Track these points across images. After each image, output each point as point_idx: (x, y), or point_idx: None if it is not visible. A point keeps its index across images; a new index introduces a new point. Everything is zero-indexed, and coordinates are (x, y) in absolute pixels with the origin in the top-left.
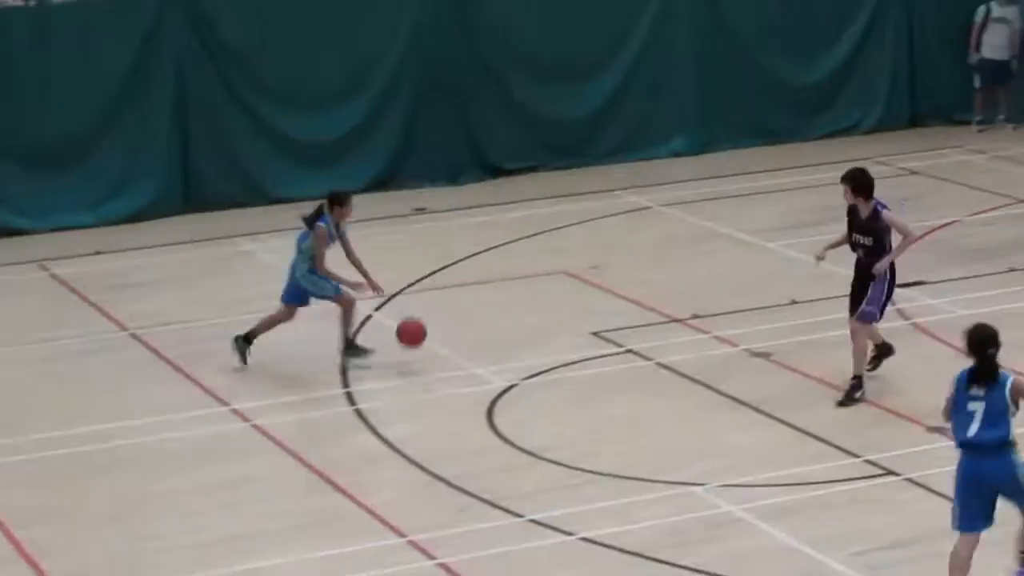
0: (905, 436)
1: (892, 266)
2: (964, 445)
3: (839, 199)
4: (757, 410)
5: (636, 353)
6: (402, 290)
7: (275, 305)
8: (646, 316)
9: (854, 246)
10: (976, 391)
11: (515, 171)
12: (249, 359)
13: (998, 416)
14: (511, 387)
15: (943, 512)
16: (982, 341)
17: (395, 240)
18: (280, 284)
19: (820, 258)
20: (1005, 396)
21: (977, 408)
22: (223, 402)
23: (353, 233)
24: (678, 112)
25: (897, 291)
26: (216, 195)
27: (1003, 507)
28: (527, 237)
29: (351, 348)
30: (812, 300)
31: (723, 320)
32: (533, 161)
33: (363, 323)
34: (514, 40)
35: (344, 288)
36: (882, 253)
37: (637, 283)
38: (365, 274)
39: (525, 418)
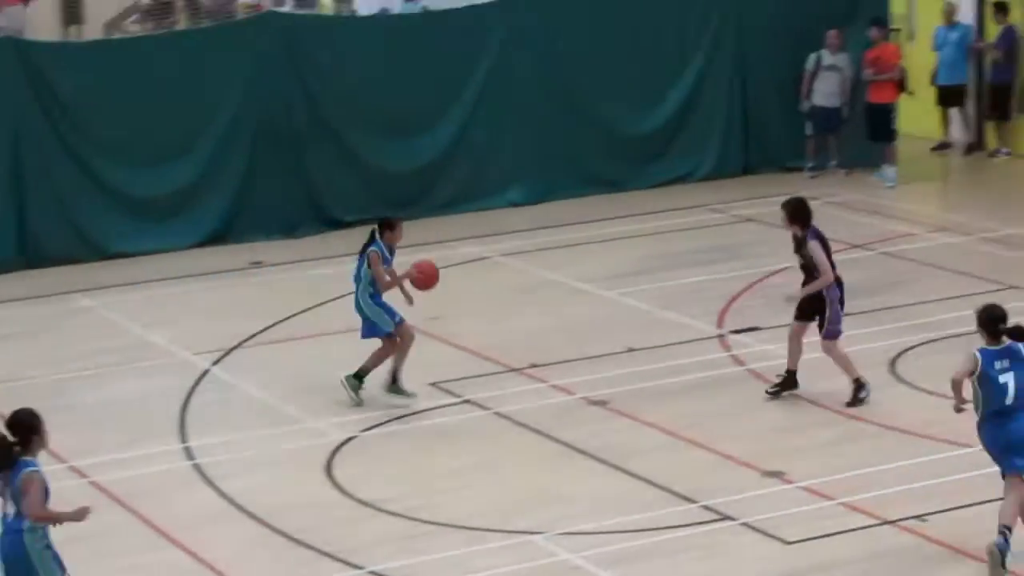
0: (741, 481)
1: (840, 282)
2: (1002, 413)
3: (675, 247)
4: (595, 458)
5: (474, 403)
6: (241, 344)
7: (113, 360)
8: (484, 366)
9: (802, 268)
10: (1002, 364)
11: (353, 223)
12: (361, 395)
13: None
14: (350, 439)
15: (779, 556)
16: (993, 319)
17: (232, 294)
18: (120, 339)
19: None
20: None
21: (1008, 379)
22: (61, 459)
23: (190, 287)
24: (515, 162)
25: (732, 338)
26: (53, 251)
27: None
28: None
29: (395, 385)
30: (648, 347)
31: (561, 369)
32: (371, 213)
33: (201, 377)
34: (350, 93)
35: (403, 323)
36: (817, 274)
37: (475, 333)
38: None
39: (364, 470)
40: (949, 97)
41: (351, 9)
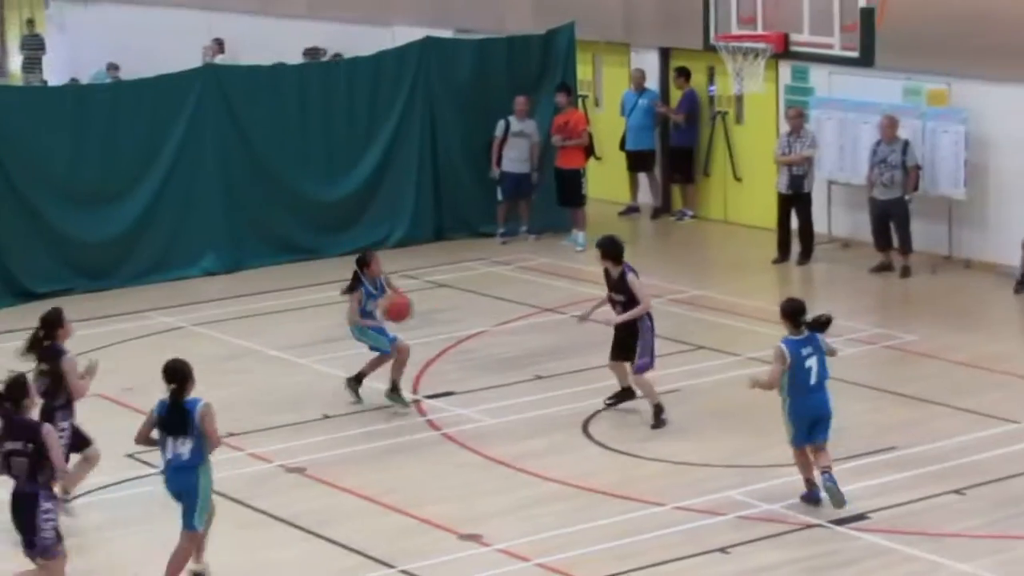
0: (438, 544)
1: (650, 315)
2: (805, 392)
3: None
4: (293, 525)
5: None
6: None
7: None
8: None
9: (612, 303)
10: (807, 350)
11: (46, 295)
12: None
13: (824, 362)
14: None
15: None
16: (796, 311)
17: None
18: None
19: (583, 319)
20: (822, 345)
21: (812, 363)
22: None
23: None
24: (208, 232)
25: (427, 402)
26: None
27: None
28: None
29: (394, 393)
30: (345, 414)
31: (258, 437)
32: (64, 284)
33: None
34: (40, 163)
35: (396, 341)
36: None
37: None
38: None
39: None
40: (638, 162)
41: (41, 79)
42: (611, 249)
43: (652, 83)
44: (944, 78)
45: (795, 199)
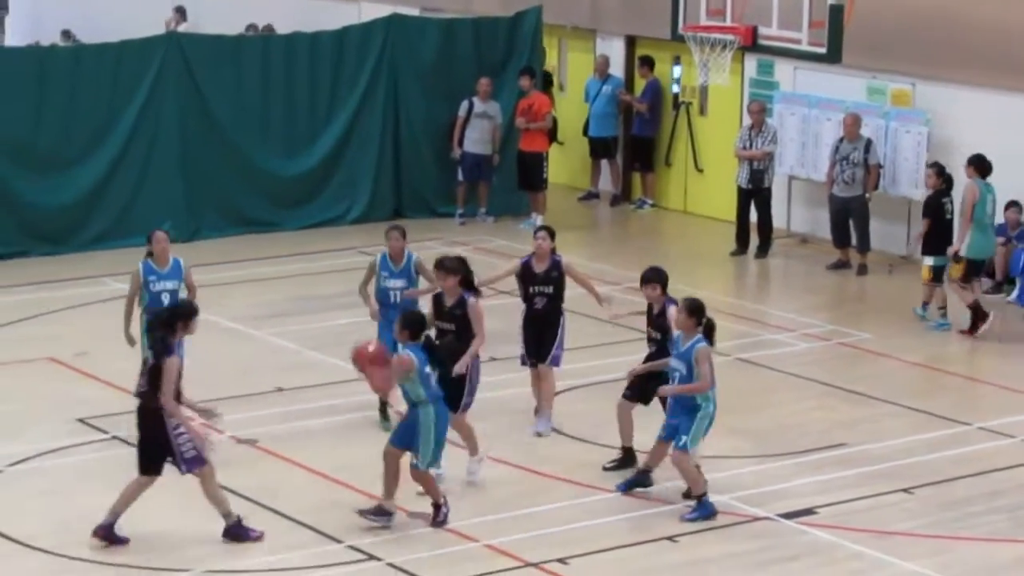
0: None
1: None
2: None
3: (325, 288)
4: (243, 497)
5: (123, 440)
6: None
7: None
8: (133, 403)
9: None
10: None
11: (2, 256)
12: None
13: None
14: None
15: None
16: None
17: None
18: None
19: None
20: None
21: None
22: None
23: None
24: (164, 200)
25: None
26: None
27: None
28: (11, 323)
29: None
30: (297, 387)
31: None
32: (19, 247)
33: None
34: None
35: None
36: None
37: (123, 370)
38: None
39: (11, 506)
40: (600, 149)
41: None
42: (656, 277)
43: (617, 71)
44: (909, 79)
45: (755, 193)
